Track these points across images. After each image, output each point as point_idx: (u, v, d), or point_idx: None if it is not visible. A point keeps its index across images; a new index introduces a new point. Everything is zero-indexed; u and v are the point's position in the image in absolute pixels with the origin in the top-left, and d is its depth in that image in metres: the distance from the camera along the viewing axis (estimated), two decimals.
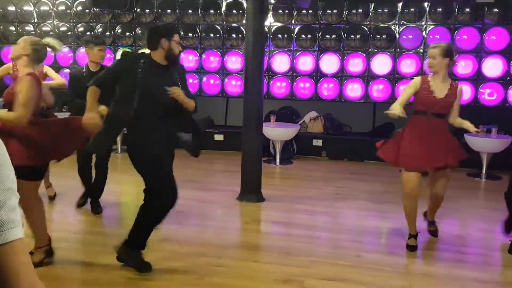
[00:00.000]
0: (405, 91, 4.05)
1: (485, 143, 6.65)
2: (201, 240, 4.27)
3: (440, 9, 7.31)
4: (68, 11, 8.36)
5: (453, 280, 3.56)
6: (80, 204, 5.00)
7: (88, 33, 7.95)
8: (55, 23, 8.43)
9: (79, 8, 8.30)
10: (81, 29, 8.39)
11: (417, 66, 7.43)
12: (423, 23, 7.41)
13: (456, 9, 7.25)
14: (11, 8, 8.51)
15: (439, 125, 3.97)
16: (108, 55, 7.36)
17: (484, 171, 6.72)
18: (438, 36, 7.33)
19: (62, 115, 4.59)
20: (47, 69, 5.21)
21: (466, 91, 7.50)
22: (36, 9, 8.45)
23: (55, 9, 8.37)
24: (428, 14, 7.36)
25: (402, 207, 4.08)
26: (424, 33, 7.39)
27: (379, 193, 5.75)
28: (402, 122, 7.60)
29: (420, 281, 3.55)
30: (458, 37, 7.30)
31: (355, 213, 5.24)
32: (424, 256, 4.09)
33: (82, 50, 8.07)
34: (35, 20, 8.52)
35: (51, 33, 8.21)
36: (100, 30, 8.32)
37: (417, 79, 4.01)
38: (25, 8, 8.46)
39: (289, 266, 3.72)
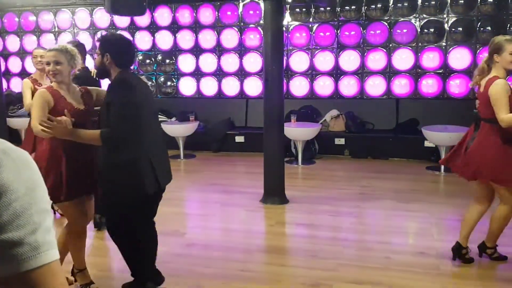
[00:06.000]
0: (503, 100, 3.28)
1: None
2: (226, 244, 4.23)
3: (462, 1, 7.14)
4: (88, 18, 8.44)
5: (486, 281, 3.45)
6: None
7: None
8: (75, 31, 8.50)
9: (98, 15, 8.37)
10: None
11: (440, 60, 7.27)
12: (445, 15, 7.24)
13: (479, 0, 7.05)
14: (32, 18, 8.64)
15: None
16: None
17: None
18: (460, 29, 7.16)
19: None
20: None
21: None
22: (56, 18, 8.55)
23: (74, 16, 8.46)
24: (449, 6, 7.19)
25: (505, 222, 3.59)
26: (446, 25, 7.23)
27: (406, 191, 5.63)
28: (426, 117, 7.42)
29: (452, 283, 3.45)
30: (482, 29, 7.12)
31: (381, 213, 5.13)
32: None
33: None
34: (56, 29, 8.63)
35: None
36: None
37: (506, 82, 3.37)
38: (45, 17, 8.58)
39: (316, 270, 3.66)
